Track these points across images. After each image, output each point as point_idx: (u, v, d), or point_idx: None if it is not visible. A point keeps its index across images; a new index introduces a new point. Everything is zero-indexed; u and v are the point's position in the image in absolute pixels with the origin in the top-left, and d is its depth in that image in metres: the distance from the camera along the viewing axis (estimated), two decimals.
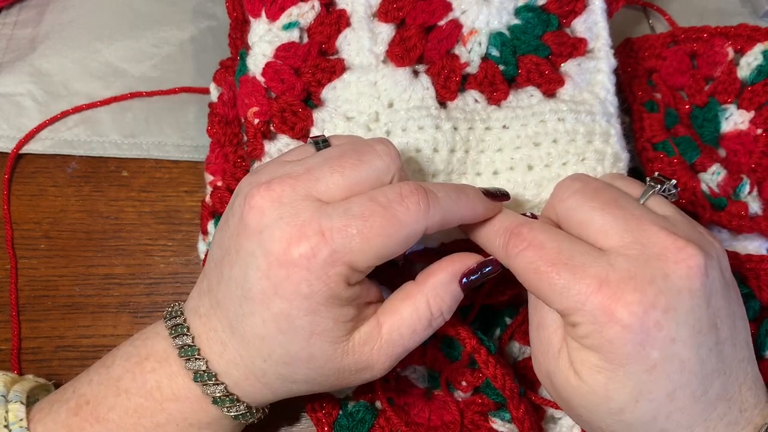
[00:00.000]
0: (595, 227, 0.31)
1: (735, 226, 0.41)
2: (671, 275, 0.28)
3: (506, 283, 0.38)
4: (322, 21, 0.39)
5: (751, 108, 0.44)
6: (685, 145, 0.43)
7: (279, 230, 0.30)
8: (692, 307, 0.28)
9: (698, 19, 0.50)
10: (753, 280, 0.39)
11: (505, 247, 0.32)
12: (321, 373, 0.32)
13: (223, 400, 0.33)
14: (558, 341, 0.31)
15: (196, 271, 0.46)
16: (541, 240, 0.31)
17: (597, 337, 0.28)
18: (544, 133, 0.38)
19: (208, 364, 0.32)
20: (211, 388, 0.32)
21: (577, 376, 0.30)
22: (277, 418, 0.43)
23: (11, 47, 0.53)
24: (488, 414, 0.39)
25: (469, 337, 0.36)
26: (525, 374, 0.40)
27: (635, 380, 0.28)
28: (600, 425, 0.30)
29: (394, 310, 0.33)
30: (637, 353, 0.28)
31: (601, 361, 0.29)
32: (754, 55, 0.44)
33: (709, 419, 0.29)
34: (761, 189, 0.42)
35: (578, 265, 0.29)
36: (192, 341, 0.33)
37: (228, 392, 0.33)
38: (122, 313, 0.45)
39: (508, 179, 0.38)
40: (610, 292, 0.28)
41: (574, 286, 0.29)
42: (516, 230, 0.32)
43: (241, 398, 0.33)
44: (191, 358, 0.32)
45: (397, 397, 0.41)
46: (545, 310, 0.32)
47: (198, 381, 0.32)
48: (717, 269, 0.30)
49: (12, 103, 0.50)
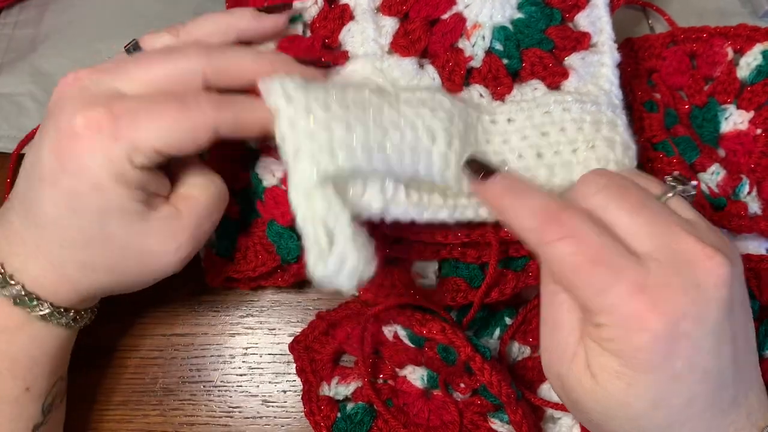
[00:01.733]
0: (624, 227, 0.30)
1: (734, 226, 0.41)
2: (702, 284, 0.28)
3: (507, 282, 0.38)
4: (325, 16, 0.39)
5: (751, 108, 0.44)
6: (684, 145, 0.43)
7: (71, 105, 0.31)
8: (719, 319, 0.28)
9: (698, 19, 0.50)
10: (753, 280, 0.39)
11: (539, 231, 0.30)
12: (121, 256, 0.33)
13: (23, 300, 0.33)
14: (574, 343, 0.30)
15: (196, 271, 0.46)
16: (585, 232, 0.29)
17: (623, 342, 0.28)
18: (550, 122, 0.37)
19: (4, 266, 0.33)
20: (9, 289, 0.33)
21: (593, 380, 0.29)
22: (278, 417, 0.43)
23: (11, 47, 0.53)
24: (487, 414, 0.39)
25: (464, 345, 0.36)
26: (524, 374, 0.40)
27: (657, 389, 0.28)
28: (613, 428, 0.30)
29: (187, 192, 0.35)
30: (662, 362, 0.28)
31: (622, 367, 0.28)
32: (754, 56, 0.44)
33: (720, 426, 0.29)
34: (760, 189, 0.42)
35: (617, 267, 0.28)
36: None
37: (27, 291, 0.33)
38: (122, 312, 0.45)
39: (518, 167, 0.37)
40: (646, 298, 0.27)
41: (613, 289, 0.28)
42: (554, 214, 0.30)
43: (43, 297, 0.33)
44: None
45: (395, 397, 0.41)
46: (563, 310, 0.31)
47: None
48: (741, 280, 0.30)
49: (12, 103, 0.50)
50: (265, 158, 0.40)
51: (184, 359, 0.45)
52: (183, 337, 0.45)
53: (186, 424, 0.43)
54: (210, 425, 0.43)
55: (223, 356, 0.45)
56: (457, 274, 0.39)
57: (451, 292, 0.39)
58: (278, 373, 0.44)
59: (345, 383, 0.41)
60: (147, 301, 0.46)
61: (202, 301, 0.46)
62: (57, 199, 0.31)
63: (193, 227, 0.34)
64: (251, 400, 0.44)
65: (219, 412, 0.44)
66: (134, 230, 0.32)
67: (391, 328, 0.41)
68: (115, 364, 0.45)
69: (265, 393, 0.44)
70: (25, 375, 0.35)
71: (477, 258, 0.39)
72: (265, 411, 0.44)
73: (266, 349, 0.45)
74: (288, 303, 0.46)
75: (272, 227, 0.40)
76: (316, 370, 0.42)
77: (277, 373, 0.44)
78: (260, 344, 0.45)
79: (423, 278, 0.39)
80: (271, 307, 0.46)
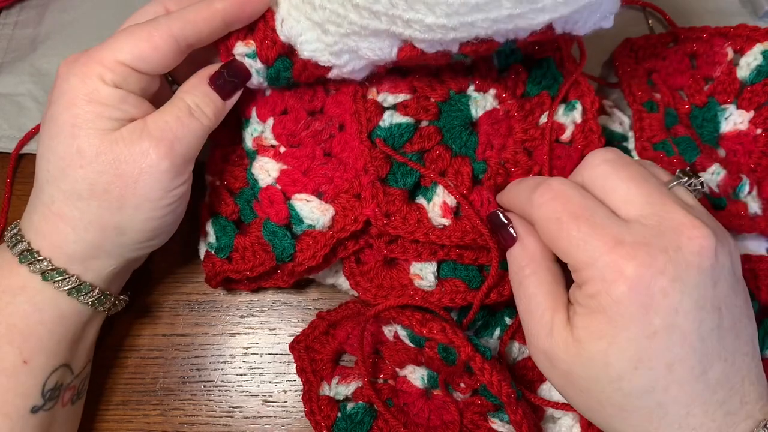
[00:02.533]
0: (620, 194, 0.31)
1: (734, 225, 0.41)
2: (683, 248, 0.29)
3: (506, 284, 0.38)
4: None
5: (751, 108, 0.44)
6: (684, 145, 0.43)
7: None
8: (698, 283, 0.29)
9: (698, 20, 0.50)
10: (752, 280, 0.39)
11: (531, 198, 0.33)
12: (95, 171, 0.34)
13: (26, 256, 0.36)
14: (549, 317, 0.32)
15: (197, 271, 0.46)
16: (569, 194, 0.32)
17: (604, 296, 0.29)
18: None
19: (18, 226, 0.37)
20: (17, 247, 0.36)
21: (577, 343, 0.30)
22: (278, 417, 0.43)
23: (12, 47, 0.53)
24: (487, 414, 0.39)
25: (464, 345, 0.36)
26: (524, 374, 0.40)
27: (635, 346, 0.29)
28: (599, 396, 0.31)
29: (157, 112, 0.37)
30: (640, 317, 0.29)
31: (604, 324, 0.29)
32: (754, 56, 0.44)
33: (707, 402, 0.30)
34: (761, 189, 0.42)
35: (598, 223, 0.30)
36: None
37: (31, 248, 0.36)
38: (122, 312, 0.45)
39: None
40: (623, 251, 0.29)
41: (591, 241, 0.30)
42: (546, 182, 0.33)
43: (44, 254, 0.36)
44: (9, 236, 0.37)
45: (396, 397, 0.41)
46: (529, 294, 0.33)
47: (6, 245, 0.36)
48: (728, 258, 0.30)
49: (12, 103, 0.50)
50: (261, 158, 0.40)
51: (185, 359, 0.45)
52: (183, 337, 0.45)
53: (186, 424, 0.43)
54: (210, 425, 0.44)
55: (223, 356, 0.45)
56: (456, 276, 0.39)
57: (450, 293, 0.39)
58: (278, 373, 0.44)
59: (345, 383, 0.41)
60: (147, 301, 0.46)
61: (202, 301, 0.46)
62: (43, 134, 0.36)
63: (159, 135, 0.35)
64: (251, 400, 0.44)
65: (219, 412, 0.44)
66: (104, 142, 0.34)
67: (391, 328, 0.41)
68: (115, 364, 0.45)
69: (265, 393, 0.44)
70: (21, 344, 0.35)
71: (474, 260, 0.39)
72: (266, 411, 0.44)
73: (266, 348, 0.45)
74: (288, 303, 0.46)
75: (267, 226, 0.40)
76: (317, 370, 0.42)
77: (278, 373, 0.45)
78: (260, 344, 0.45)
79: (422, 279, 0.39)
80: (271, 307, 0.46)
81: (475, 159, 0.39)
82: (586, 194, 0.32)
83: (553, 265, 0.34)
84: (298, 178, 0.39)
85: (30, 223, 0.37)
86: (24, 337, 0.35)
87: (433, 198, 0.38)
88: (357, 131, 0.39)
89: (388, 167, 0.38)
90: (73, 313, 0.37)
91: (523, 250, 0.34)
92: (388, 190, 0.38)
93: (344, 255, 0.40)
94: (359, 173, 0.38)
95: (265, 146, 0.41)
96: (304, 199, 0.39)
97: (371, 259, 0.41)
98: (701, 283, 0.29)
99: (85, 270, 0.37)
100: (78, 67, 0.35)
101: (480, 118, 0.40)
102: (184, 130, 0.36)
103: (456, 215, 0.38)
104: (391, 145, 0.39)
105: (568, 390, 0.33)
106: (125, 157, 0.35)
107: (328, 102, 0.40)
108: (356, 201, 0.38)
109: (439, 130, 0.39)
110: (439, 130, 0.39)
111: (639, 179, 0.32)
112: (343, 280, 0.43)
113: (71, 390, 0.39)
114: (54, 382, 0.37)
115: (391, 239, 0.39)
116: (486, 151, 0.40)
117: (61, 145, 0.35)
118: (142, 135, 0.35)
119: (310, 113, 0.40)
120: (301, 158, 0.39)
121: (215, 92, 0.38)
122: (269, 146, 0.41)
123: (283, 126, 0.40)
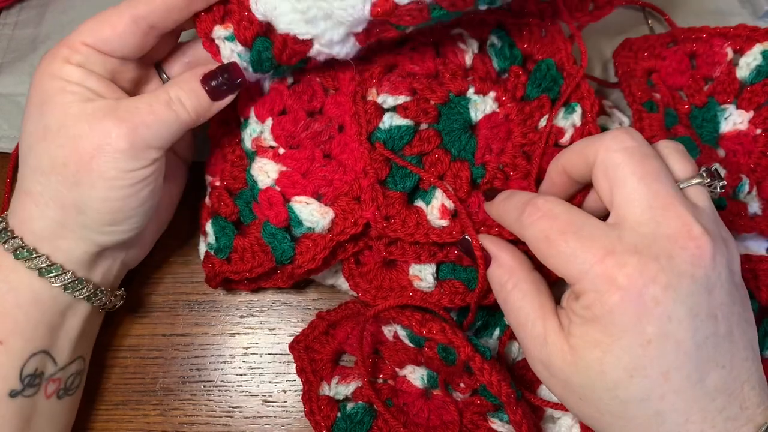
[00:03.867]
0: (625, 190, 0.31)
1: (734, 226, 0.41)
2: (676, 258, 0.29)
3: None
4: None
5: (750, 108, 0.44)
6: (684, 145, 0.43)
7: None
8: (692, 291, 0.29)
9: (697, 20, 0.50)
10: (751, 281, 0.39)
11: (519, 218, 0.33)
12: (58, 145, 0.35)
13: (1, 235, 0.37)
14: (540, 328, 0.32)
15: (197, 271, 0.47)
16: (556, 211, 0.32)
17: (598, 306, 0.29)
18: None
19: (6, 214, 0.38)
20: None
21: (573, 351, 0.30)
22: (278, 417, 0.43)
23: (12, 47, 0.53)
24: (487, 414, 0.39)
25: (463, 345, 0.36)
26: (524, 374, 0.40)
27: (630, 355, 0.29)
28: (598, 404, 0.31)
29: (133, 98, 0.37)
30: (633, 325, 0.29)
31: (599, 333, 0.29)
32: (753, 56, 0.44)
33: (706, 409, 0.29)
34: (760, 189, 0.42)
35: (587, 236, 0.30)
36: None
37: (7, 226, 0.37)
38: (122, 311, 0.45)
39: None
40: (614, 261, 0.29)
41: (580, 255, 0.30)
42: (532, 202, 0.33)
43: (18, 233, 0.37)
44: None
45: (395, 397, 0.41)
46: (517, 308, 0.34)
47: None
48: (725, 266, 0.30)
49: (12, 103, 0.50)
50: (260, 159, 0.40)
51: (185, 359, 0.45)
52: (183, 337, 0.45)
53: (186, 424, 0.44)
54: (210, 425, 0.44)
55: (223, 356, 0.45)
56: (455, 277, 0.39)
57: (449, 294, 0.39)
58: (278, 372, 0.45)
59: (345, 383, 0.41)
60: (147, 301, 0.46)
61: (202, 301, 0.46)
62: (24, 118, 0.37)
63: (124, 116, 0.36)
64: (251, 400, 0.44)
65: (219, 412, 0.44)
66: (68, 117, 0.35)
67: (391, 328, 0.41)
68: (115, 364, 0.45)
69: (265, 393, 0.44)
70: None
71: (473, 261, 0.39)
72: (265, 411, 0.44)
73: (266, 348, 0.45)
74: (288, 303, 0.46)
75: (266, 228, 0.40)
76: (316, 370, 0.42)
77: (277, 372, 0.45)
78: (260, 344, 0.45)
79: (421, 281, 0.39)
80: (271, 307, 0.46)
81: (473, 163, 0.39)
82: (572, 209, 0.32)
83: (532, 274, 0.35)
84: (297, 180, 0.39)
85: (11, 209, 0.38)
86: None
87: (432, 201, 0.38)
88: (357, 133, 0.39)
89: (387, 170, 0.38)
90: (48, 297, 0.37)
91: (499, 268, 0.35)
92: (388, 192, 0.38)
93: (344, 257, 0.40)
94: (359, 176, 0.38)
95: (264, 147, 0.41)
96: (303, 202, 0.39)
97: (370, 260, 0.41)
98: (695, 291, 0.29)
99: (54, 250, 0.37)
100: (48, 52, 0.37)
101: (479, 122, 0.40)
102: (154, 118, 0.36)
103: (454, 217, 0.38)
104: (390, 147, 0.39)
105: (568, 398, 0.32)
106: (86, 133, 0.35)
107: (328, 102, 0.40)
108: (356, 204, 0.38)
109: (439, 133, 0.39)
110: (438, 133, 0.39)
111: (650, 177, 0.31)
112: (342, 281, 0.43)
113: (55, 382, 0.38)
114: (33, 368, 0.37)
115: (391, 241, 0.39)
116: (485, 155, 0.40)
117: (31, 122, 0.37)
118: (107, 114, 0.35)
119: (309, 114, 0.40)
120: (300, 160, 0.39)
121: (204, 91, 0.38)
122: (268, 147, 0.41)
123: (282, 127, 0.40)
